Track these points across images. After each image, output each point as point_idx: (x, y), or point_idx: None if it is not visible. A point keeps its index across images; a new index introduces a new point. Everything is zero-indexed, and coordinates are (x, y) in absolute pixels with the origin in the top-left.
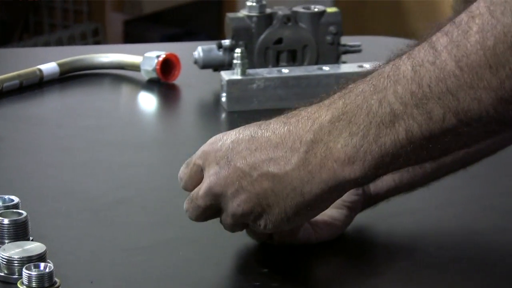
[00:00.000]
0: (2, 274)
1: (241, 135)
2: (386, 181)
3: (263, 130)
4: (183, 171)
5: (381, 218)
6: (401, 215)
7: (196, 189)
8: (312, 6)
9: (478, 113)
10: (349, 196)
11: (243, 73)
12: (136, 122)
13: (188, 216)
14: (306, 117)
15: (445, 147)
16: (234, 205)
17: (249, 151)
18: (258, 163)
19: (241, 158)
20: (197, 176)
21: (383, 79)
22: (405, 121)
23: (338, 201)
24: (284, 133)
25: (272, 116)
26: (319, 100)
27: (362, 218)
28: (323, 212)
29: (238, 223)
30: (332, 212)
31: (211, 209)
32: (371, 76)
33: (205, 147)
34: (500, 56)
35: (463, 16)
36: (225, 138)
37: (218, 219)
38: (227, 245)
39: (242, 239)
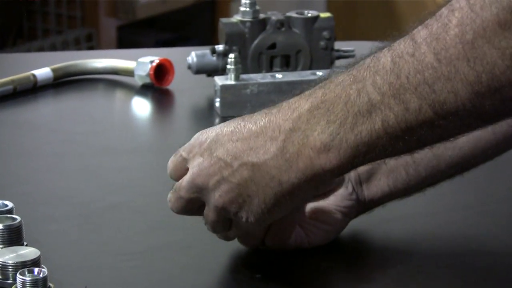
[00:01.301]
0: None
1: (225, 128)
2: (381, 186)
3: (245, 122)
4: (171, 160)
5: (376, 224)
6: (396, 221)
7: (180, 181)
8: (306, 11)
9: (454, 106)
10: (343, 201)
11: (236, 78)
12: (130, 127)
13: (170, 207)
14: (286, 107)
15: (421, 139)
16: (216, 196)
17: (231, 142)
18: (239, 153)
19: (223, 149)
20: (181, 167)
21: (363, 70)
22: (382, 111)
23: (332, 206)
24: (265, 123)
25: None
26: (300, 92)
27: (357, 223)
28: (317, 217)
29: (221, 218)
30: (325, 217)
31: (193, 203)
32: (353, 67)
33: (192, 139)
34: (478, 50)
35: (444, 10)
36: (210, 131)
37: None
38: (220, 250)
39: (236, 245)
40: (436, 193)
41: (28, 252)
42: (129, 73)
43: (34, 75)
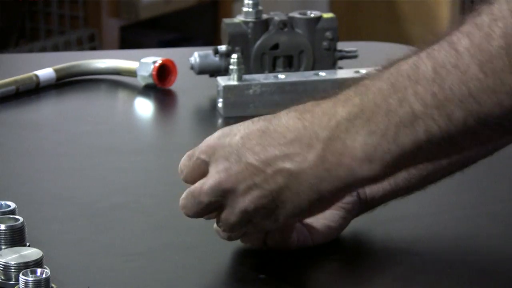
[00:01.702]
0: None
1: (251, 130)
2: (382, 184)
3: (274, 126)
4: (184, 164)
5: (378, 224)
6: (397, 220)
7: (197, 185)
8: (308, 12)
9: (499, 117)
10: (345, 197)
11: (239, 78)
12: (133, 128)
13: (185, 213)
14: (321, 113)
15: (462, 146)
16: (246, 201)
17: (261, 147)
18: (272, 159)
19: (254, 154)
20: (200, 170)
21: (402, 78)
22: (425, 122)
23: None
24: (299, 129)
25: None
26: (332, 95)
27: (358, 223)
28: (319, 215)
29: (243, 221)
30: (328, 214)
31: (212, 206)
32: (389, 73)
33: (210, 141)
34: None
35: (485, 18)
36: (233, 133)
37: (213, 223)
38: (223, 251)
39: (239, 245)
40: (437, 193)
41: (30, 252)
42: (132, 73)
43: (36, 76)
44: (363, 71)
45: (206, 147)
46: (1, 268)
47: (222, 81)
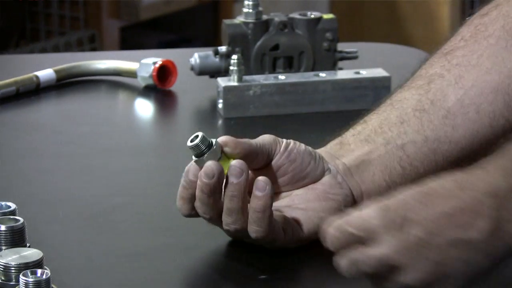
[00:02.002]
0: None
1: (412, 202)
2: (377, 181)
3: (439, 198)
4: (334, 235)
5: None
6: None
7: (362, 255)
8: (309, 13)
9: None
10: (331, 188)
11: (239, 79)
12: (133, 129)
13: (342, 272)
14: (477, 179)
15: None
16: (413, 275)
17: (429, 219)
18: (443, 230)
19: (421, 226)
20: (352, 244)
21: None
22: None
23: (320, 193)
24: (465, 199)
25: (267, 122)
26: (490, 161)
27: None
28: (306, 207)
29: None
30: (316, 205)
31: (371, 275)
32: None
33: (366, 217)
34: None
35: None
36: (393, 207)
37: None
38: (224, 251)
39: (240, 246)
40: None
41: (31, 253)
42: (132, 74)
43: (37, 76)
44: (363, 72)
45: (360, 222)
46: (2, 269)
47: (222, 82)
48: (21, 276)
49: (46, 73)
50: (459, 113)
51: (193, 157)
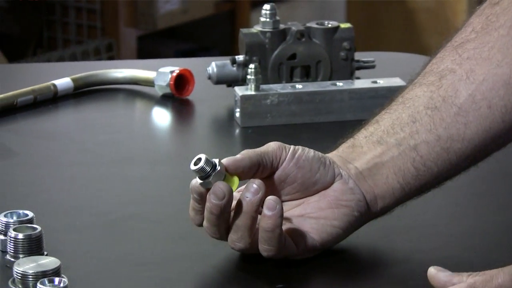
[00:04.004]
0: None
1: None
2: (390, 183)
3: None
4: None
5: (399, 232)
6: (413, 229)
7: None
8: (326, 22)
9: None
10: (343, 195)
11: (256, 88)
12: (150, 137)
13: None
14: None
15: None
16: None
17: None
18: None
19: None
20: None
21: None
22: None
23: (332, 201)
24: None
25: (284, 131)
26: None
27: (378, 232)
28: (318, 216)
29: None
30: (328, 213)
31: None
32: None
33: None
34: None
35: None
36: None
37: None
38: (240, 261)
39: (256, 255)
40: (449, 202)
41: (48, 261)
42: (149, 83)
43: (54, 85)
44: (380, 81)
45: None
46: (19, 277)
47: (239, 91)
48: (38, 284)
49: (63, 82)
50: (471, 109)
51: (198, 179)
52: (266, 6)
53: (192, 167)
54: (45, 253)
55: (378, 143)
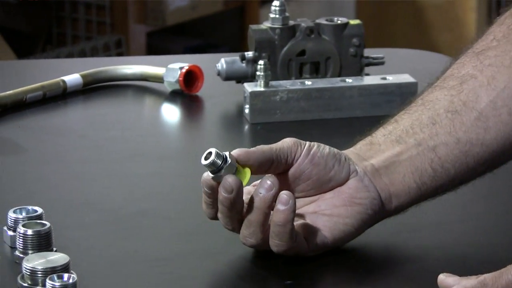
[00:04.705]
0: (26, 284)
1: None
2: (407, 183)
3: None
4: None
5: (410, 232)
6: (425, 228)
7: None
8: (335, 18)
9: None
10: (358, 192)
11: (266, 85)
12: (159, 134)
13: None
14: None
15: None
16: None
17: None
18: None
19: None
20: None
21: None
22: None
23: (346, 198)
24: None
25: (294, 127)
26: None
27: (389, 232)
28: (331, 213)
29: None
30: (342, 211)
31: None
32: None
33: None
34: None
35: None
36: None
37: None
38: (250, 257)
39: (265, 251)
40: (461, 202)
41: (57, 257)
42: (159, 79)
43: (63, 81)
44: (390, 77)
45: None
46: (28, 273)
47: (248, 87)
48: (47, 280)
49: (72, 78)
50: (491, 115)
51: (209, 173)
52: (276, 3)
53: (203, 161)
54: (54, 249)
55: (396, 142)
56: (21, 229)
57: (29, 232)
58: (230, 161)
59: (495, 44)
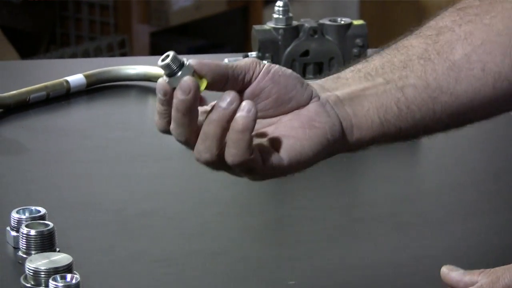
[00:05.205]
0: (29, 285)
1: None
2: (370, 116)
3: None
4: None
5: (412, 228)
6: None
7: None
8: (339, 19)
9: None
10: (318, 115)
11: None
12: (162, 134)
13: None
14: None
15: None
16: None
17: None
18: None
19: None
20: None
21: None
22: None
23: (305, 120)
24: None
25: None
26: None
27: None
28: (288, 134)
29: None
30: (299, 132)
31: None
32: None
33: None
34: None
35: None
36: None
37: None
38: (253, 257)
39: (268, 251)
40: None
41: (60, 258)
42: None
43: (67, 82)
44: None
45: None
46: (31, 274)
47: None
48: (50, 281)
49: (76, 78)
50: (464, 67)
51: (165, 77)
52: (279, 3)
53: (159, 62)
54: (57, 249)
55: (364, 79)
56: (24, 230)
57: (32, 232)
58: (188, 64)
59: (477, 4)
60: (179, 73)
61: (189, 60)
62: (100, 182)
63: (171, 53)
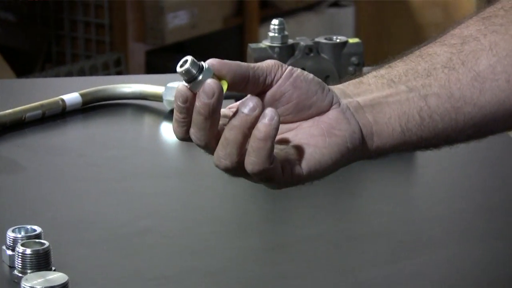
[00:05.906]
0: None
1: None
2: (392, 124)
3: None
4: None
5: (420, 230)
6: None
7: None
8: (334, 37)
9: None
10: (338, 123)
11: None
12: (159, 152)
13: None
14: None
15: None
16: None
17: None
18: None
19: None
20: None
21: None
22: None
23: (325, 128)
24: None
25: None
26: None
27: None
28: (308, 142)
29: None
30: (319, 141)
31: None
32: None
33: None
34: None
35: None
36: None
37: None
38: (250, 276)
39: (265, 269)
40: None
41: (56, 277)
42: (158, 98)
43: (63, 100)
44: None
45: None
46: None
47: None
48: None
49: (72, 97)
50: (488, 78)
51: (185, 83)
52: (275, 21)
53: (178, 69)
54: (53, 268)
55: (387, 85)
56: (19, 249)
57: (28, 251)
58: (207, 66)
59: (502, 13)
60: (200, 77)
61: (208, 60)
62: (96, 201)
63: (189, 58)
